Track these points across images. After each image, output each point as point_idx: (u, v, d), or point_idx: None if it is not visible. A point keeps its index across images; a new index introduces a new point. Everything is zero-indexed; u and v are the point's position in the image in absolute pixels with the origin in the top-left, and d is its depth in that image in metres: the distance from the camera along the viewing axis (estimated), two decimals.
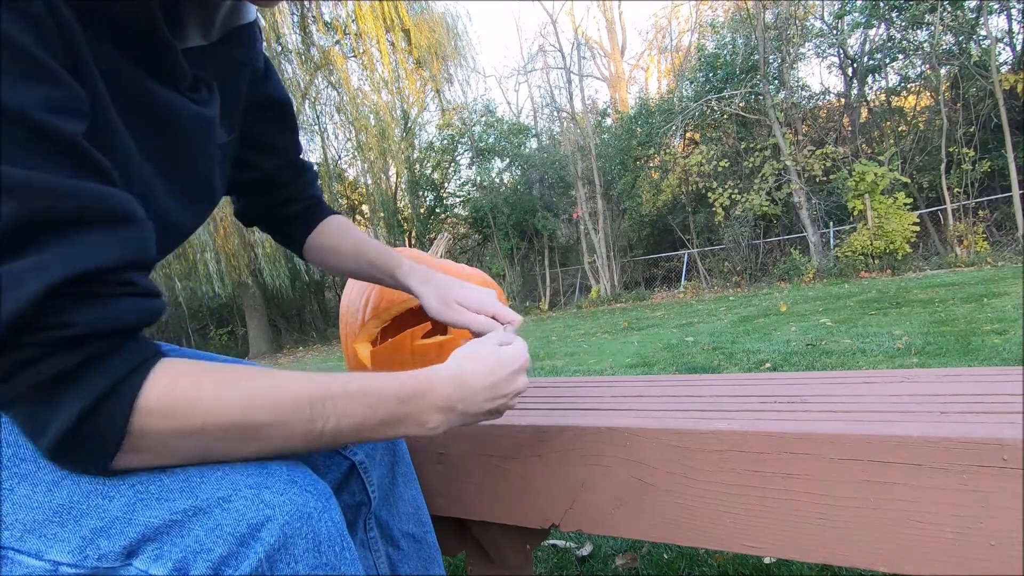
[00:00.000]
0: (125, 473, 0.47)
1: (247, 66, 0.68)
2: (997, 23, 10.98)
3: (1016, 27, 10.79)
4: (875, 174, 9.86)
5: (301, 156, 0.87)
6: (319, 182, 0.89)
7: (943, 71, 10.66)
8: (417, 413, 0.55)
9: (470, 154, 15.98)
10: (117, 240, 0.42)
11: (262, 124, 0.77)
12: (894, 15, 10.93)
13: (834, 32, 11.89)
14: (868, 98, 12.68)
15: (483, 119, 15.66)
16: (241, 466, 0.48)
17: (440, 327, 1.12)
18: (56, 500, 0.46)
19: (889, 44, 11.63)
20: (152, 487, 0.46)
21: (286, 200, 0.85)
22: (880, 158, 10.46)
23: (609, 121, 16.49)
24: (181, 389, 0.44)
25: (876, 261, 9.80)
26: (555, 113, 18.33)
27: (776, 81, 11.77)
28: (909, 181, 10.66)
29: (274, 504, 0.45)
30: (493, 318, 0.75)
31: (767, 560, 1.24)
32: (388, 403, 0.52)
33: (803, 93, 12.55)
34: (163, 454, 0.46)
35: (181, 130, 0.55)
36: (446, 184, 16.95)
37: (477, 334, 0.74)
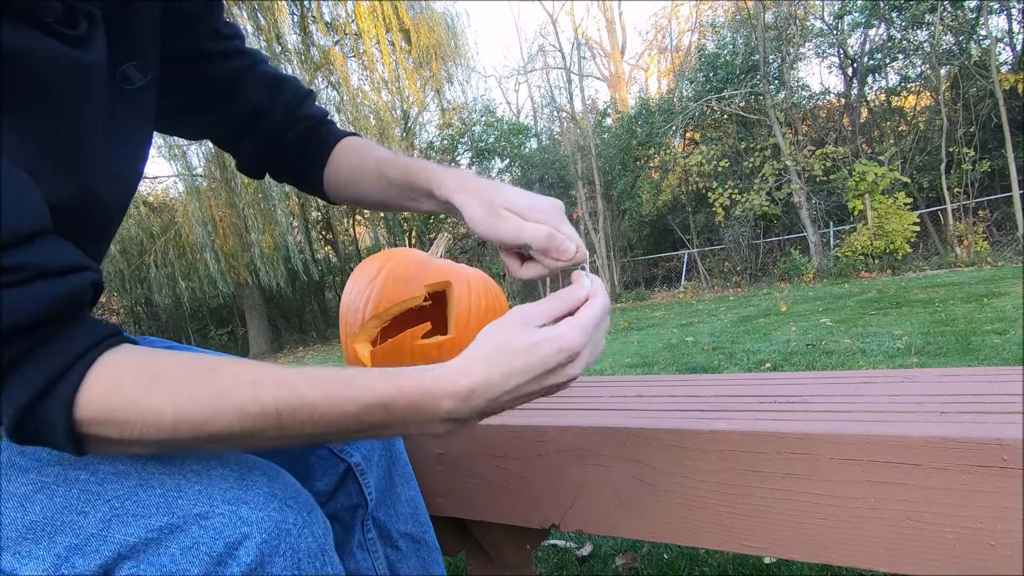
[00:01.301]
0: (100, 486, 0.45)
1: None
2: (997, 23, 10.99)
3: (1016, 27, 10.80)
4: (875, 174, 9.86)
5: (263, 62, 0.69)
6: (315, 99, 0.73)
7: (943, 71, 10.66)
8: (413, 423, 0.46)
9: (470, 154, 15.98)
10: None
11: (198, 27, 0.63)
12: (894, 15, 10.93)
13: (834, 32, 11.89)
14: (868, 98, 12.68)
15: (483, 119, 15.66)
16: (219, 477, 0.46)
17: (440, 327, 1.12)
18: (29, 516, 0.45)
19: (889, 44, 11.63)
20: (128, 502, 0.44)
21: (276, 131, 0.69)
22: (880, 158, 10.46)
23: (609, 121, 16.48)
24: (126, 395, 0.39)
25: (876, 261, 9.80)
26: (555, 113, 18.36)
27: (776, 81, 11.77)
28: (909, 181, 10.66)
29: (252, 521, 0.44)
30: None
31: (767, 560, 1.24)
32: (376, 413, 0.44)
33: (803, 93, 12.56)
34: (127, 450, 0.43)
35: (39, 80, 0.41)
36: None
37: (540, 251, 0.57)
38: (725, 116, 12.44)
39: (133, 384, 0.39)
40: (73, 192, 0.46)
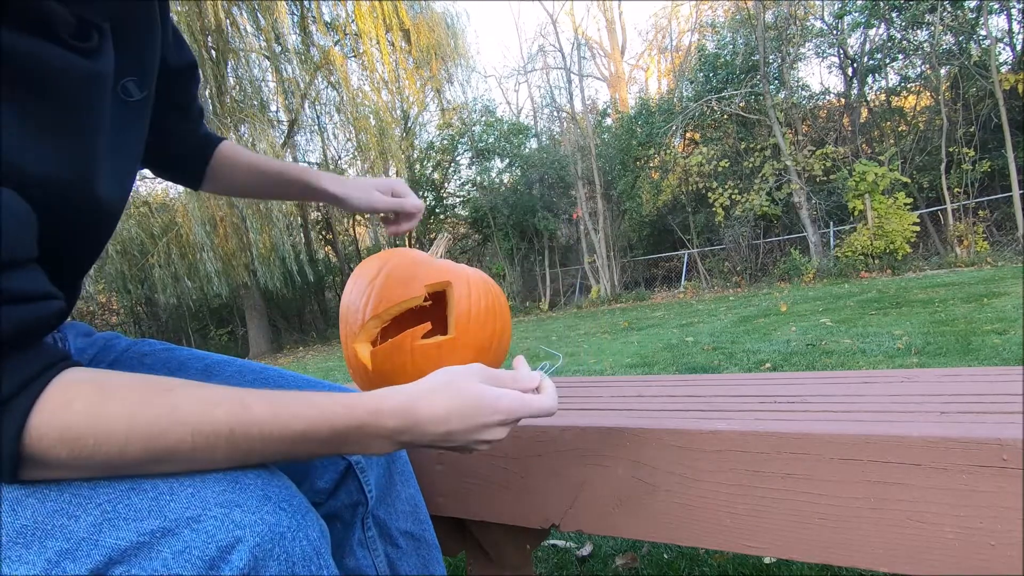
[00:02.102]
0: (92, 490, 0.45)
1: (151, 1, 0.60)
2: (997, 23, 10.99)
3: (1016, 27, 10.79)
4: (876, 174, 9.86)
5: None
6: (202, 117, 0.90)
7: (943, 71, 10.65)
8: (356, 441, 0.49)
9: (470, 154, 15.98)
10: None
11: (183, 87, 0.78)
12: (894, 15, 10.93)
13: (834, 32, 11.89)
14: (868, 98, 12.68)
15: (483, 119, 15.66)
16: (212, 479, 0.46)
17: (440, 327, 1.12)
18: (20, 520, 0.45)
19: (889, 44, 11.62)
20: (119, 506, 0.44)
21: (179, 141, 0.84)
22: (880, 158, 10.46)
23: (609, 121, 16.48)
24: (75, 416, 0.40)
25: (876, 261, 9.80)
26: (555, 113, 18.35)
27: (776, 81, 11.77)
28: (909, 181, 10.66)
29: (245, 524, 0.43)
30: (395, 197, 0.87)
31: (767, 560, 1.24)
32: (322, 433, 0.47)
33: (803, 93, 12.55)
34: (73, 472, 0.44)
35: (52, 86, 0.45)
36: (446, 184, 16.95)
37: (404, 211, 0.87)
38: (725, 116, 12.44)
39: (86, 399, 0.41)
40: (79, 193, 0.50)
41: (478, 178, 15.77)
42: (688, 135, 14.04)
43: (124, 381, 0.44)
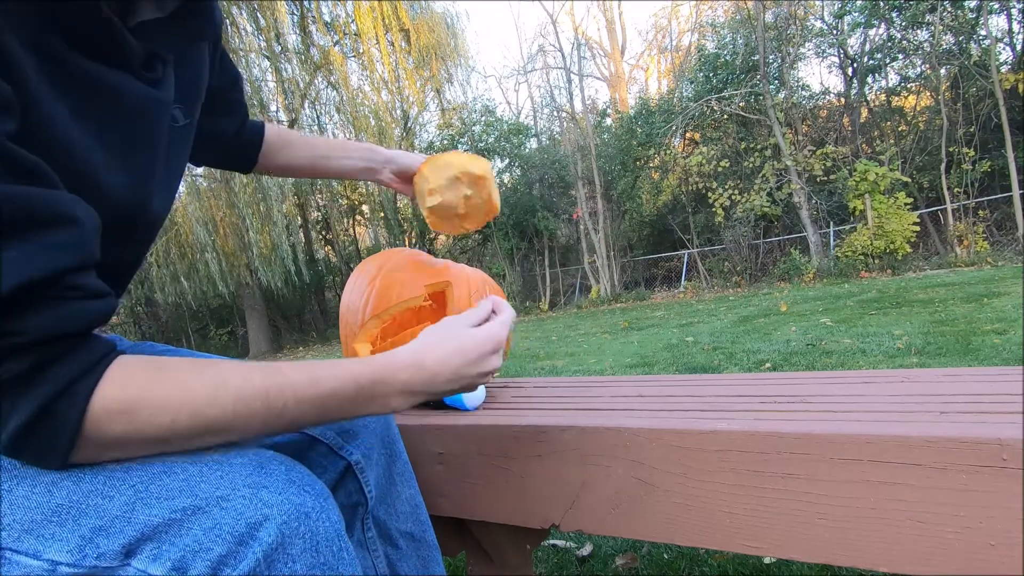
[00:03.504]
0: (125, 472, 0.47)
1: (205, 40, 0.67)
2: (997, 23, 10.98)
3: (1016, 27, 10.79)
4: (876, 174, 9.86)
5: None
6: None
7: (943, 71, 10.65)
8: (377, 397, 0.55)
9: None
10: (59, 245, 0.42)
11: (226, 98, 0.84)
12: (894, 15, 10.93)
13: (834, 32, 11.89)
14: (868, 98, 12.68)
15: (483, 119, 15.66)
16: (239, 464, 0.48)
17: None
18: (55, 500, 0.46)
19: (889, 44, 11.62)
20: (152, 487, 0.46)
21: (234, 137, 0.90)
22: (881, 158, 10.46)
23: (609, 121, 16.48)
24: (134, 389, 0.45)
25: (876, 261, 9.80)
26: (555, 113, 18.34)
27: (776, 81, 11.77)
28: (909, 181, 10.66)
29: (272, 503, 0.45)
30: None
31: (767, 560, 1.24)
32: (347, 391, 0.53)
33: (803, 93, 12.55)
34: (120, 450, 0.46)
35: (126, 112, 0.52)
36: None
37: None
38: (725, 116, 12.44)
39: (143, 376, 0.46)
40: (138, 208, 0.57)
41: None
42: (688, 135, 14.04)
43: (173, 360, 0.49)
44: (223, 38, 0.79)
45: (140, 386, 0.45)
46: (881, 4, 10.70)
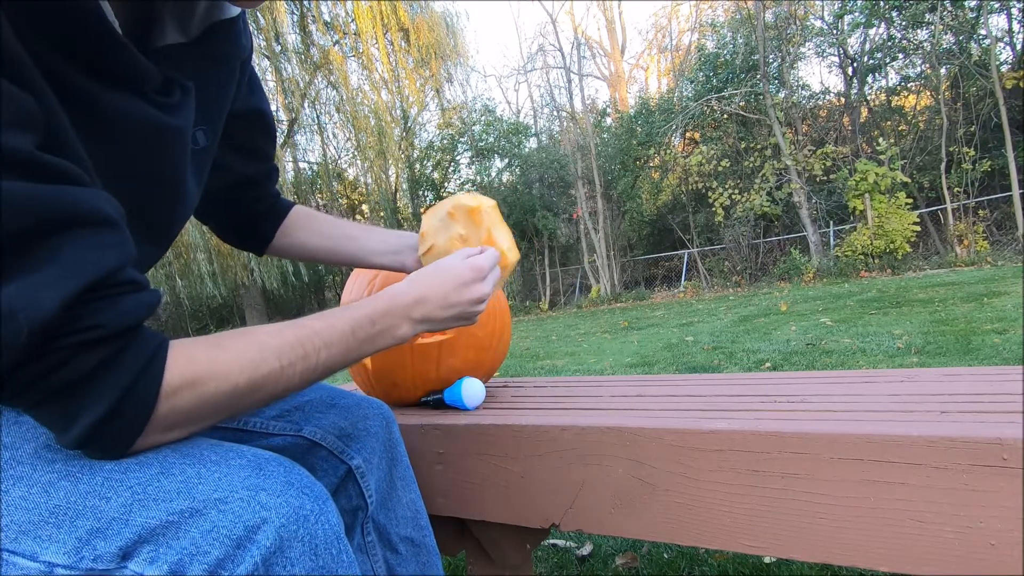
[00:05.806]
0: (123, 473, 0.46)
1: (232, 63, 0.66)
2: (997, 23, 10.99)
3: (1016, 27, 10.79)
4: (876, 174, 9.86)
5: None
6: (277, 178, 0.90)
7: (943, 71, 10.65)
8: (388, 328, 0.61)
9: (470, 153, 15.98)
10: (110, 243, 0.43)
11: (248, 131, 0.77)
12: (894, 15, 10.93)
13: (834, 32, 11.89)
14: (868, 98, 12.68)
15: (483, 119, 15.65)
16: (237, 466, 0.48)
17: None
18: (52, 501, 0.46)
19: (889, 44, 11.62)
20: (150, 488, 0.46)
21: (254, 199, 0.84)
22: (881, 157, 10.46)
23: (609, 121, 16.48)
24: (201, 361, 0.48)
25: (876, 261, 9.80)
26: (555, 113, 18.32)
27: (776, 81, 11.77)
28: (909, 181, 10.66)
29: (270, 506, 0.45)
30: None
31: (767, 560, 1.24)
32: (364, 326, 0.59)
33: (803, 93, 12.55)
34: (187, 426, 0.49)
35: (134, 138, 0.52)
36: (446, 184, 16.94)
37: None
38: (725, 116, 12.44)
39: (204, 352, 0.49)
40: (151, 218, 0.59)
41: (478, 177, 15.76)
42: (688, 135, 14.04)
43: (224, 334, 0.52)
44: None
45: (204, 360, 0.48)
46: (881, 4, 10.70)
